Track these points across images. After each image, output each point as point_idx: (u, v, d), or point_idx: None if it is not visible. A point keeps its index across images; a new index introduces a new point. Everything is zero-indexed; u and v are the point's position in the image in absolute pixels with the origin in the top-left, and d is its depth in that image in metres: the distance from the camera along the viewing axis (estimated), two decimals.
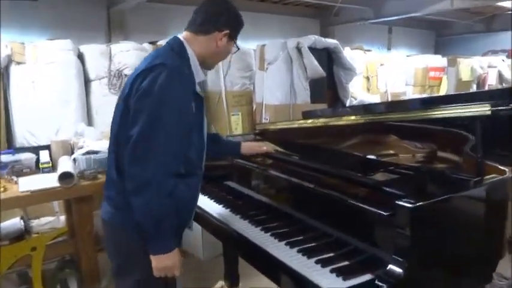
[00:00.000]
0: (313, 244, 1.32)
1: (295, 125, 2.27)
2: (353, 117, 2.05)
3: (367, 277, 1.12)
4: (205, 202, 1.82)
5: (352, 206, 1.18)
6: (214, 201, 1.81)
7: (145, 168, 1.15)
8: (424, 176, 1.39)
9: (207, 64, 1.37)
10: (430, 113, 1.78)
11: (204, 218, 1.70)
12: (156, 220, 1.17)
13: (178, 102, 1.19)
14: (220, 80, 3.69)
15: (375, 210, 1.11)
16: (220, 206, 1.75)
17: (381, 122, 1.90)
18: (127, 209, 1.19)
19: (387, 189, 1.20)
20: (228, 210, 1.69)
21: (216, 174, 2.03)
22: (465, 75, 6.51)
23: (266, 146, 1.81)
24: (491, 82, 6.95)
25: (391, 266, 1.06)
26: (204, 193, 1.91)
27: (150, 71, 1.19)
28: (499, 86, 6.83)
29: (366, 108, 2.24)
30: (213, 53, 1.33)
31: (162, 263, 1.22)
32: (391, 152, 1.80)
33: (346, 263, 1.20)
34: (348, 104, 3.97)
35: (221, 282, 2.39)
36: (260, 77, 3.75)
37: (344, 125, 2.08)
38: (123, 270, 1.33)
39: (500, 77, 7.26)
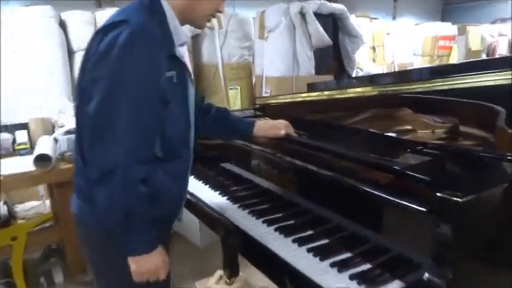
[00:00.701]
0: (327, 242, 1.10)
1: (299, 99, 2.02)
2: (362, 90, 1.83)
3: (395, 285, 0.91)
4: (199, 188, 1.59)
5: (378, 199, 0.95)
6: (209, 188, 1.58)
7: (106, 152, 0.92)
8: (459, 157, 1.15)
9: (191, 21, 1.10)
10: (449, 83, 1.58)
11: (197, 207, 1.48)
12: (123, 215, 0.94)
13: (144, 68, 0.93)
14: (216, 51, 3.40)
15: (409, 204, 0.87)
16: (217, 193, 1.52)
17: (394, 94, 1.67)
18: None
19: (422, 176, 0.96)
20: (225, 198, 1.46)
21: (213, 155, 1.80)
22: (475, 45, 6.20)
23: (285, 128, 1.43)
24: (502, 51, 6.64)
25: (428, 276, 0.84)
26: (198, 178, 1.69)
27: (109, 30, 0.94)
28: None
29: (375, 80, 2.00)
30: (194, 4, 1.06)
31: (141, 265, 1.00)
32: (408, 127, 1.57)
33: (369, 266, 0.99)
34: (354, 75, 3.70)
35: (219, 272, 2.20)
36: (260, 47, 3.46)
37: (353, 98, 1.86)
38: (100, 277, 1.12)
39: (511, 46, 6.94)
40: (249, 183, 1.51)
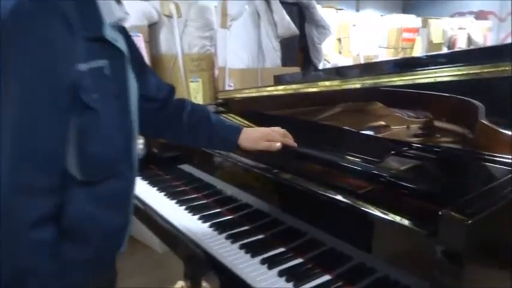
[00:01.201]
0: (304, 266, 0.93)
1: (266, 93, 1.85)
2: (331, 83, 1.68)
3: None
4: (152, 195, 1.39)
5: (367, 217, 0.78)
6: (165, 195, 1.38)
7: None
8: (450, 160, 1.01)
9: None
10: (422, 76, 1.47)
11: (150, 220, 1.28)
12: (14, 273, 0.67)
13: (39, 57, 0.67)
14: (175, 40, 3.15)
15: (405, 224, 0.72)
16: (173, 201, 1.32)
17: (364, 87, 1.54)
18: None
19: (414, 186, 0.81)
20: (182, 208, 1.27)
21: (170, 155, 1.60)
22: (436, 38, 6.26)
23: (282, 138, 1.10)
24: (461, 45, 6.77)
25: None
26: (152, 183, 1.48)
27: None
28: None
29: (344, 72, 1.88)
30: None
31: None
32: (382, 123, 1.45)
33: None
34: (321, 67, 3.57)
35: (181, 283, 2.01)
36: (222, 36, 3.24)
37: (323, 91, 1.72)
38: None
39: (469, 40, 7.09)
40: (213, 191, 1.32)
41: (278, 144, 1.07)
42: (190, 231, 1.11)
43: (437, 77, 1.45)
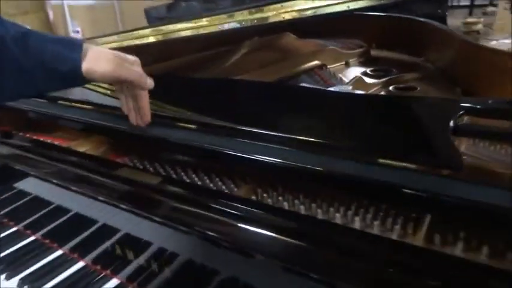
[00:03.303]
0: None
1: (137, 41, 1.23)
2: (226, 16, 1.16)
3: None
4: None
5: None
6: None
7: None
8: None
9: None
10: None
11: None
12: None
13: None
14: None
15: None
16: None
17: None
18: None
19: None
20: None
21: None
22: None
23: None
24: None
25: None
26: None
27: None
28: None
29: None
30: None
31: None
32: (317, 62, 1.07)
33: None
34: None
35: None
36: None
37: (219, 31, 1.21)
38: None
39: None
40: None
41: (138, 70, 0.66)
42: None
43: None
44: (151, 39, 1.22)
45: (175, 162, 0.69)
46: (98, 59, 0.62)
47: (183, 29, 1.12)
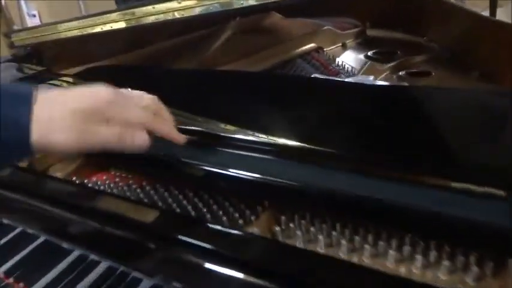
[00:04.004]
0: None
1: (108, 26, 1.07)
2: None
3: None
4: None
5: None
6: None
7: None
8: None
9: None
10: None
11: None
12: None
13: None
14: None
15: None
16: None
17: None
18: None
19: None
20: None
21: None
22: None
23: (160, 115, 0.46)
24: None
25: None
26: None
27: None
28: None
29: None
30: None
31: None
32: (312, 45, 0.97)
33: None
34: None
35: None
36: None
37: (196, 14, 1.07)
38: None
39: None
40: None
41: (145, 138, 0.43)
42: None
43: None
44: (121, 25, 1.06)
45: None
46: (52, 121, 0.37)
47: (161, 11, 0.97)
